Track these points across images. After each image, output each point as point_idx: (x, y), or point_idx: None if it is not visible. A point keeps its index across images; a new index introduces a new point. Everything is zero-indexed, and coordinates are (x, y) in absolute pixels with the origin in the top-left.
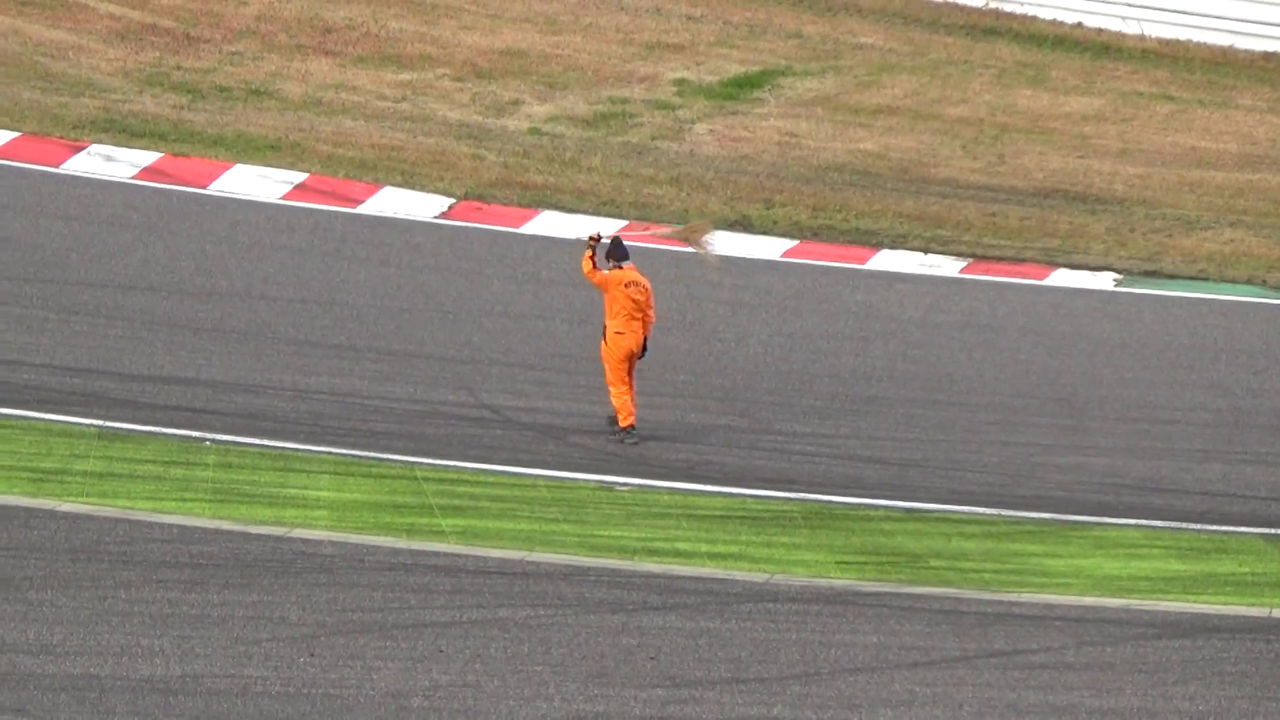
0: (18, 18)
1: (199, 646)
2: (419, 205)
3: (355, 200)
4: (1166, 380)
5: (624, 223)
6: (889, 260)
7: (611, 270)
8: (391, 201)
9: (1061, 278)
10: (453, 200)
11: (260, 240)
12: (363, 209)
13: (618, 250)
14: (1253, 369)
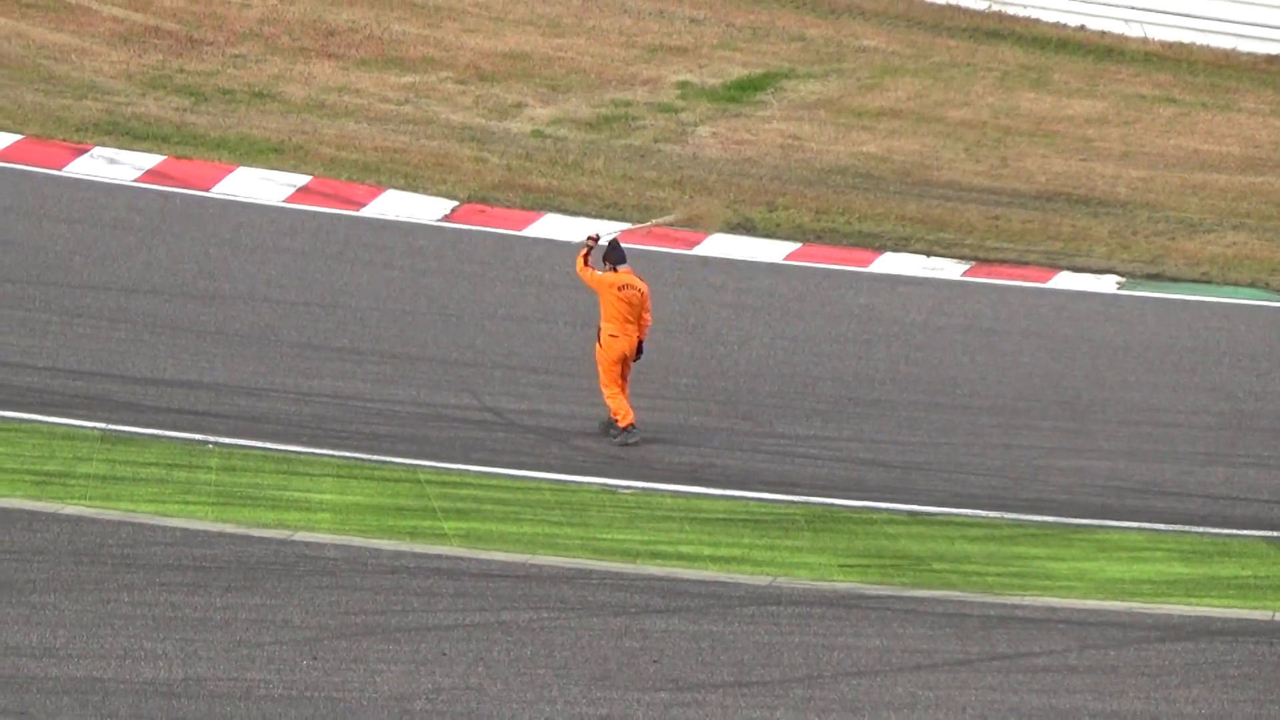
0: (21, 20)
1: (202, 649)
2: (422, 208)
3: (358, 203)
4: (1169, 383)
5: (626, 225)
6: (892, 263)
7: (605, 272)
8: (394, 204)
9: (1064, 281)
10: (455, 203)
11: (263, 243)
12: (365, 212)
13: (615, 253)
14: (1255, 372)
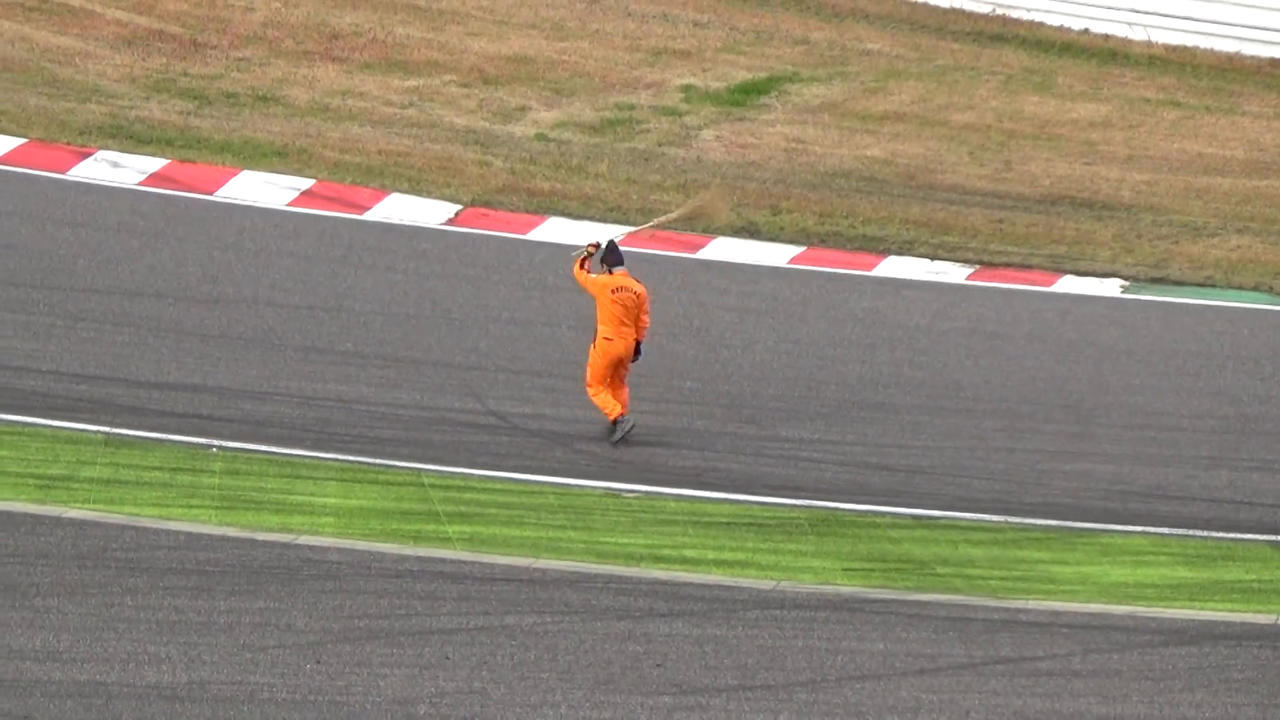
0: (25, 24)
1: (205, 653)
2: (426, 211)
3: (362, 206)
4: (1173, 387)
5: (630, 228)
6: (896, 267)
7: (601, 275)
8: (398, 208)
9: (1068, 284)
10: (459, 207)
11: (267, 246)
12: (369, 215)
13: (611, 255)
14: (1260, 376)
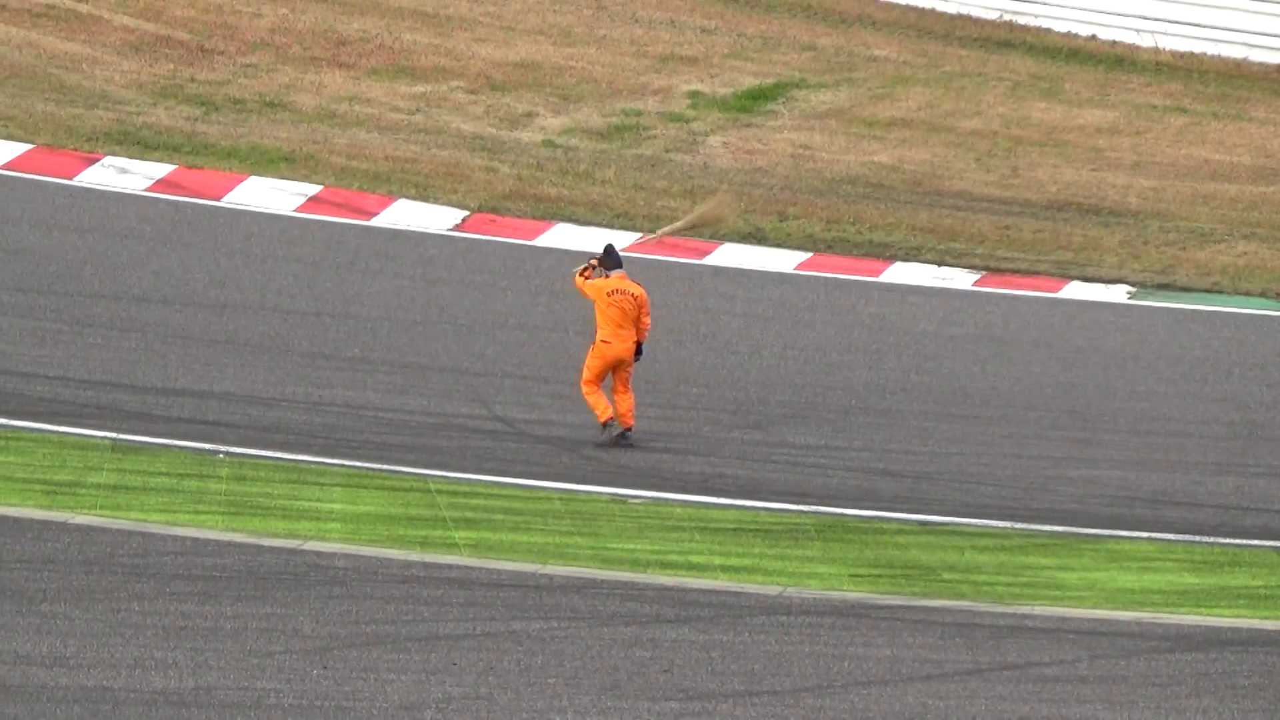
0: (32, 30)
1: (212, 659)
2: (433, 217)
3: (369, 212)
4: (1180, 393)
5: (637, 235)
6: (902, 273)
7: (598, 279)
8: (405, 214)
9: (1075, 290)
10: (466, 213)
11: (274, 252)
12: (376, 221)
13: (609, 258)
14: (1266, 382)
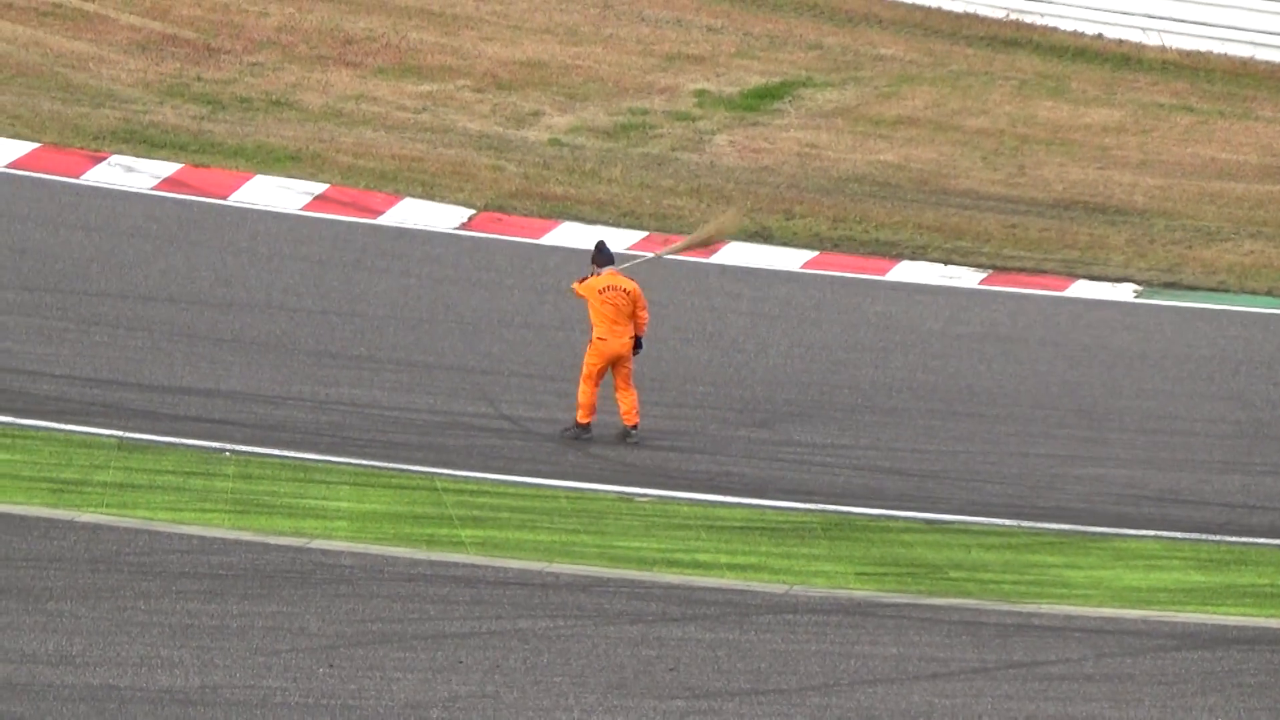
0: (39, 29)
1: (218, 657)
2: (439, 216)
3: (375, 211)
4: (1186, 392)
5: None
6: (909, 271)
7: (590, 278)
8: (412, 212)
9: (1081, 289)
10: (473, 211)
11: (280, 251)
12: (383, 220)
13: (601, 256)
14: (1273, 380)
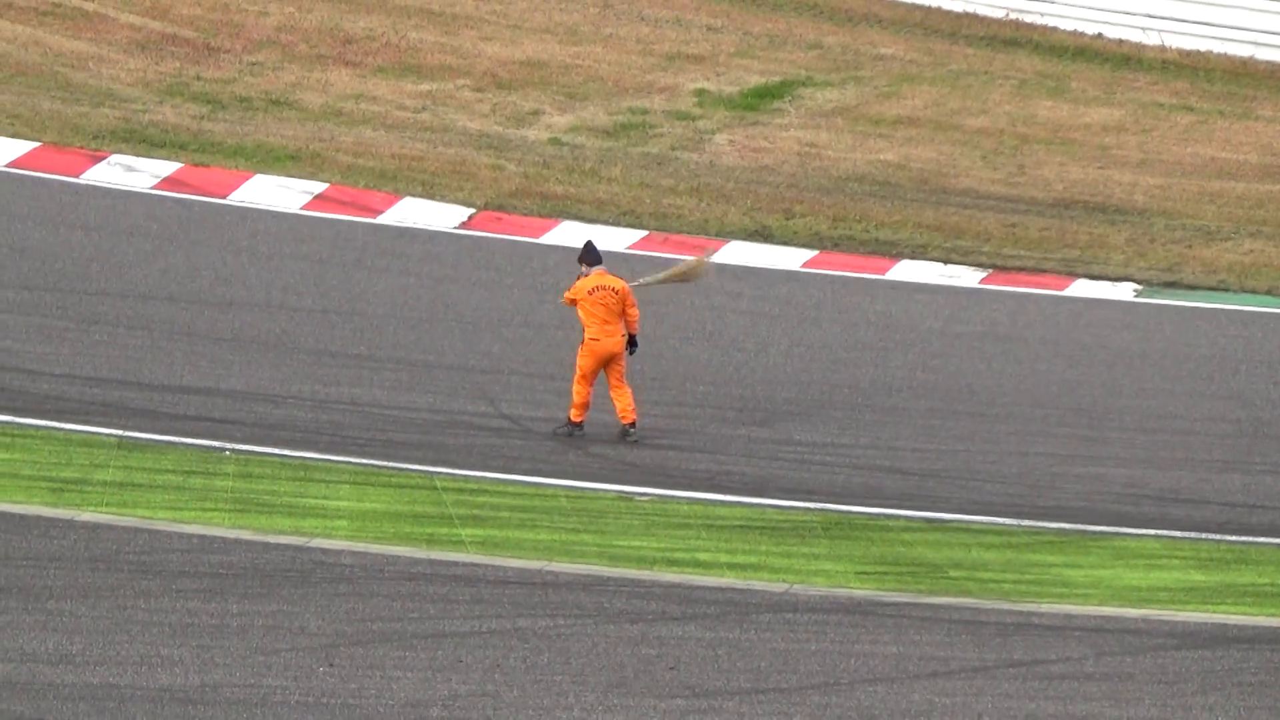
0: (39, 28)
1: (218, 656)
2: (439, 215)
3: (375, 210)
4: (1186, 391)
5: (641, 233)
6: (909, 271)
7: (578, 281)
8: (411, 212)
9: (1081, 288)
10: (473, 210)
11: (280, 250)
12: (383, 219)
13: (589, 255)
14: (1273, 380)
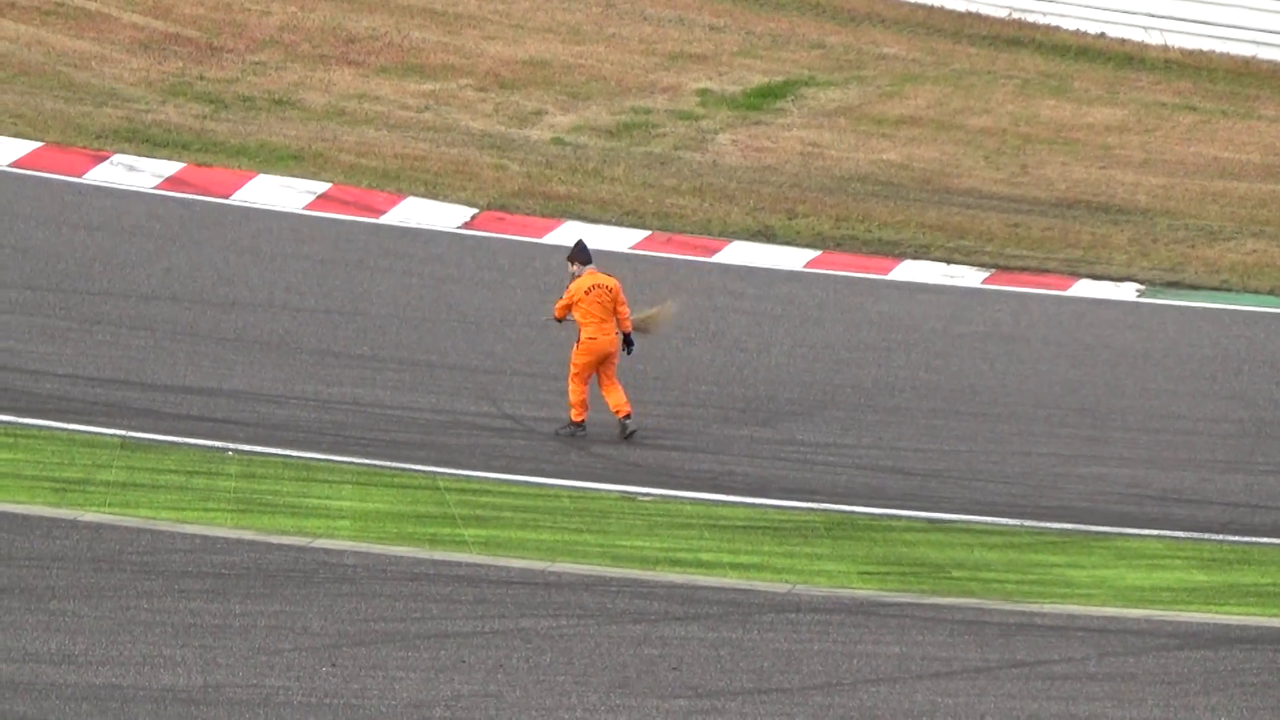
0: (41, 28)
1: (221, 656)
2: (442, 215)
3: (378, 210)
4: (1189, 391)
5: (644, 233)
6: (911, 271)
7: (571, 283)
8: (414, 211)
9: (1084, 288)
10: (475, 210)
11: (283, 250)
12: (385, 219)
13: (581, 254)
14: (1275, 380)
